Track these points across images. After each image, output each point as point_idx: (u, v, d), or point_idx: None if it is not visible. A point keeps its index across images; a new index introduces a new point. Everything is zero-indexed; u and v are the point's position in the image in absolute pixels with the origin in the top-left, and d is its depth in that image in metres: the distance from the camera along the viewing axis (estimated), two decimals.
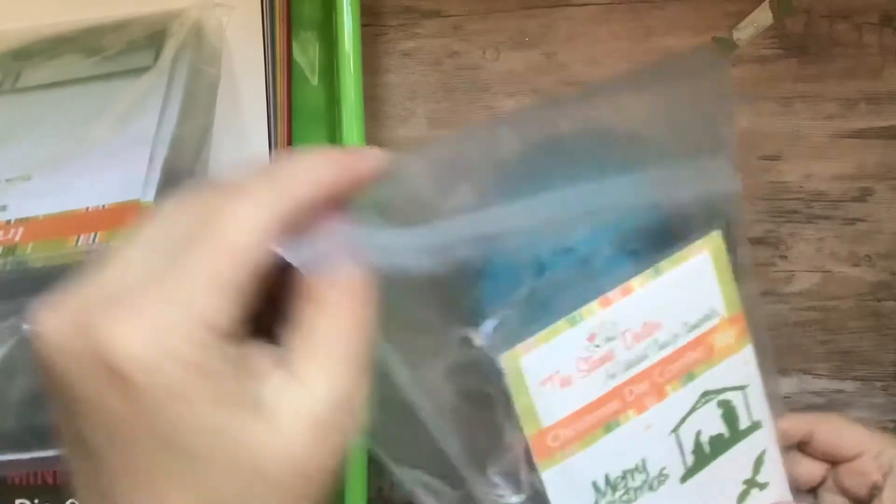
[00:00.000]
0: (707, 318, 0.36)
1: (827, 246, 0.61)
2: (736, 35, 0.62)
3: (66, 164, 0.37)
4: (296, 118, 0.52)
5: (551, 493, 0.35)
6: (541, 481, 0.35)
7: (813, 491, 0.40)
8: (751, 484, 0.38)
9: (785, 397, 0.60)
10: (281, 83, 0.52)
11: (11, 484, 0.39)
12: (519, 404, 0.34)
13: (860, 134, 0.62)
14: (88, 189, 0.37)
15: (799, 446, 0.40)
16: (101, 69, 0.43)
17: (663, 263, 0.35)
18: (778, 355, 0.60)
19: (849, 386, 0.60)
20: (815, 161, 0.61)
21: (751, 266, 0.36)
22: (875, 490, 0.38)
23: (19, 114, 0.42)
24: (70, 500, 0.40)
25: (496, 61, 0.62)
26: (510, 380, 0.34)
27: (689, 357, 0.36)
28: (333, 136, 0.53)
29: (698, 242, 0.36)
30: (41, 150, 0.39)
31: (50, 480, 0.40)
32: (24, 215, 0.36)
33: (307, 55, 0.55)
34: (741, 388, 0.38)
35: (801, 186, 0.61)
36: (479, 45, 0.62)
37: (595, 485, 0.36)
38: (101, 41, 0.45)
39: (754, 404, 0.38)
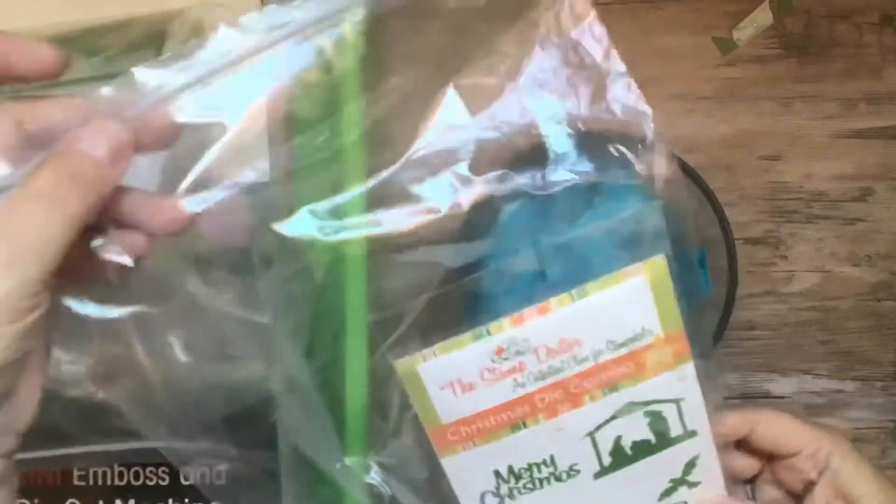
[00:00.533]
0: (638, 336, 0.36)
1: (827, 246, 0.61)
2: (736, 35, 0.62)
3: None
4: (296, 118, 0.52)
5: (450, 475, 0.37)
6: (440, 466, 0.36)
7: (750, 482, 0.41)
8: (678, 482, 0.39)
9: (785, 397, 0.60)
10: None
11: None
12: (417, 402, 0.36)
13: (860, 134, 0.62)
14: None
15: (737, 443, 0.40)
16: (102, 70, 0.43)
17: (591, 285, 0.35)
18: (778, 355, 0.60)
19: (849, 386, 0.60)
20: (815, 161, 0.61)
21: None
22: (810, 486, 0.38)
23: None
24: (70, 500, 0.40)
25: None
26: (405, 382, 0.35)
27: (614, 371, 0.36)
28: (334, 136, 0.53)
29: (634, 267, 0.36)
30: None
31: (50, 480, 0.40)
32: None
33: None
34: (675, 401, 0.37)
35: (801, 186, 0.61)
36: None
37: (497, 472, 0.37)
38: (101, 41, 0.45)
39: (690, 416, 0.38)
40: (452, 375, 0.35)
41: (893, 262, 0.61)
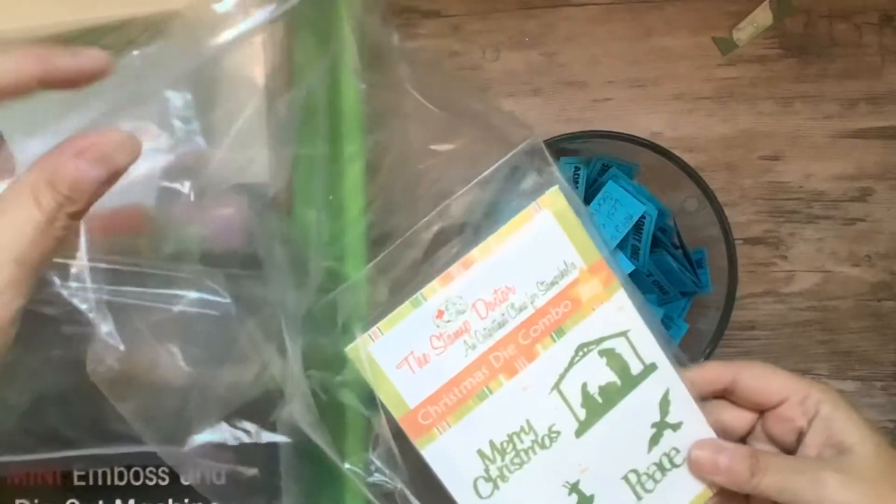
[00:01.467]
0: (564, 272, 0.37)
1: (827, 246, 0.61)
2: (736, 35, 0.62)
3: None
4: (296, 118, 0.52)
5: (435, 468, 0.36)
6: (422, 459, 0.36)
7: (742, 440, 0.40)
8: (661, 426, 0.38)
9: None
10: (280, 79, 0.52)
11: (11, 484, 0.39)
12: (380, 391, 0.35)
13: (860, 134, 0.62)
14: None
15: (725, 395, 0.40)
16: None
17: (502, 229, 0.36)
18: (778, 355, 0.60)
19: (849, 386, 0.60)
20: (815, 161, 0.61)
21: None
22: (801, 435, 0.37)
23: (19, 115, 0.42)
24: (70, 501, 0.40)
25: (496, 61, 0.62)
26: (363, 369, 0.35)
27: (555, 313, 0.37)
28: (334, 136, 0.53)
29: (534, 202, 0.36)
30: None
31: (50, 480, 0.40)
32: None
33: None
34: (622, 333, 0.38)
35: (801, 186, 0.61)
36: (479, 45, 0.62)
37: (480, 452, 0.36)
38: (101, 42, 0.45)
39: (643, 347, 0.38)
40: (405, 349, 0.36)
41: (893, 262, 0.61)
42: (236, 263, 0.36)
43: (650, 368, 0.38)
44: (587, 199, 0.57)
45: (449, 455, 0.36)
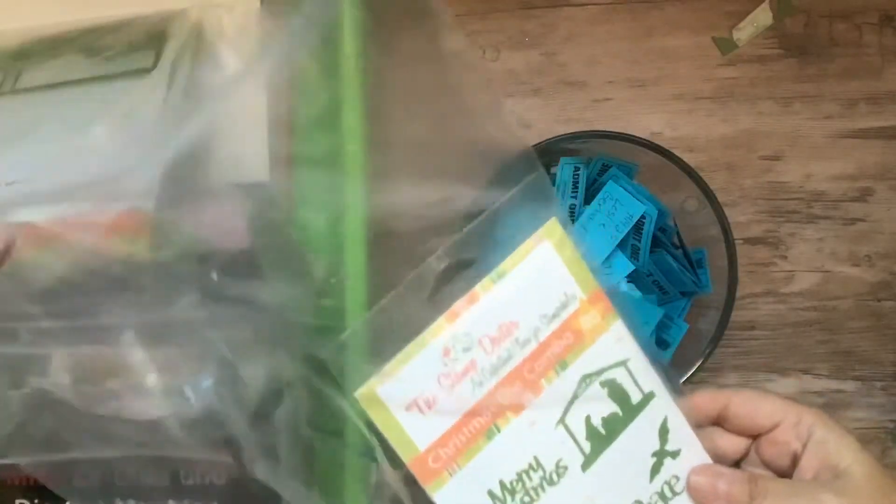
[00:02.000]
0: (565, 304, 0.37)
1: (827, 246, 0.61)
2: (736, 35, 0.62)
3: (66, 168, 0.37)
4: (297, 121, 0.52)
5: None
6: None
7: (737, 465, 0.40)
8: (661, 454, 0.38)
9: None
10: (282, 84, 0.52)
11: (11, 484, 0.39)
12: (390, 435, 0.35)
13: (860, 134, 0.62)
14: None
15: (718, 423, 0.40)
16: (101, 70, 0.43)
17: (504, 264, 0.36)
18: (778, 355, 0.60)
19: (849, 386, 0.60)
20: (815, 161, 0.61)
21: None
22: (795, 459, 0.38)
23: (19, 115, 0.42)
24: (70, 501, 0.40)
25: (496, 61, 0.62)
26: (373, 415, 0.34)
27: (557, 346, 0.37)
28: (334, 136, 0.53)
29: (535, 234, 0.36)
30: (41, 153, 0.39)
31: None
32: (23, 220, 0.36)
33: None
34: (622, 363, 0.38)
35: (801, 186, 0.61)
36: (479, 45, 0.62)
37: (491, 493, 0.36)
38: (101, 42, 0.45)
39: (641, 376, 0.38)
40: (413, 392, 0.35)
41: (893, 262, 0.61)
42: (236, 264, 0.36)
43: (649, 397, 0.38)
44: (587, 199, 0.57)
45: (460, 497, 0.36)
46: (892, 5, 0.62)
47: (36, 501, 0.40)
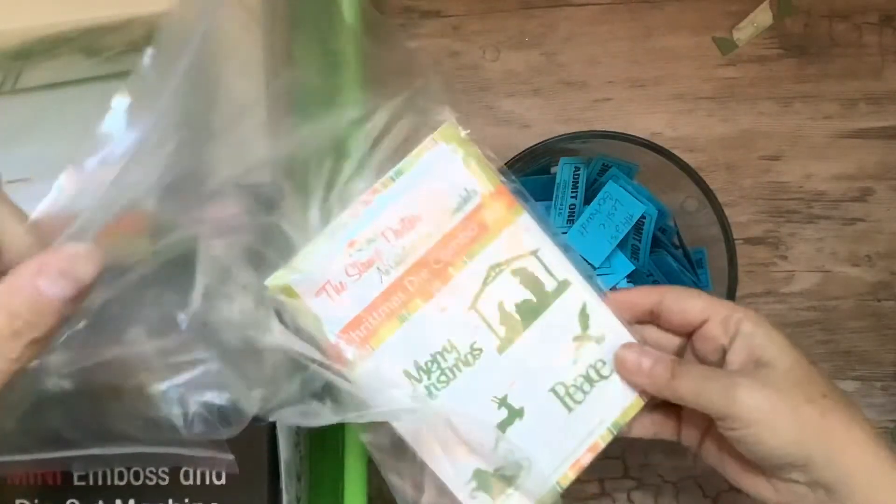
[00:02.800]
0: (466, 198, 0.39)
1: (827, 246, 0.61)
2: (736, 35, 0.62)
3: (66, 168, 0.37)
4: (296, 119, 0.52)
5: (365, 392, 0.36)
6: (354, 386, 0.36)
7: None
8: (583, 339, 0.40)
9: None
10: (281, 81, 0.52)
11: (11, 484, 0.39)
12: (304, 321, 0.36)
13: (860, 134, 0.62)
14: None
15: (652, 320, 0.41)
16: (102, 70, 0.43)
17: (402, 164, 0.38)
18: None
19: (849, 386, 0.60)
20: (815, 161, 0.61)
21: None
22: (725, 353, 0.39)
23: (20, 115, 0.42)
24: (70, 500, 0.40)
25: (496, 61, 0.62)
26: (287, 302, 0.36)
27: (463, 238, 0.39)
28: (334, 136, 0.53)
29: (429, 137, 0.38)
30: (41, 153, 0.39)
31: (50, 480, 0.40)
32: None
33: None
34: (531, 253, 0.39)
35: (801, 186, 0.61)
36: (479, 45, 0.62)
37: (407, 373, 0.38)
38: (101, 41, 0.45)
39: (554, 265, 0.40)
40: (321, 279, 0.37)
41: (893, 262, 0.61)
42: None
43: (564, 285, 0.40)
44: (587, 199, 0.57)
45: (376, 377, 0.37)
46: (892, 5, 0.62)
47: (36, 501, 0.40)
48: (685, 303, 0.40)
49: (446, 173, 0.39)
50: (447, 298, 0.38)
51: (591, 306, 0.40)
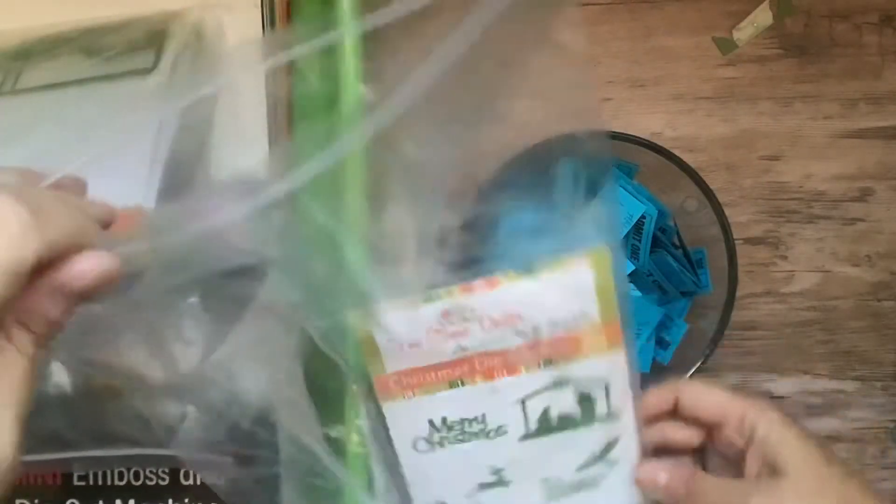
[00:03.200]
0: (577, 320, 0.38)
1: (827, 246, 0.61)
2: (736, 35, 0.62)
3: (66, 168, 0.37)
4: (296, 119, 0.52)
5: (389, 420, 0.39)
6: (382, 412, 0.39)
7: (700, 452, 0.41)
8: (597, 459, 0.41)
9: (785, 397, 0.60)
10: (281, 83, 0.52)
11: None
12: (364, 350, 0.37)
13: (860, 134, 0.62)
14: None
15: (674, 417, 0.41)
16: (102, 70, 0.43)
17: (539, 266, 0.37)
18: (778, 355, 0.60)
19: (849, 386, 0.60)
20: (815, 161, 0.61)
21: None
22: (743, 456, 0.38)
23: (19, 115, 0.42)
24: (70, 501, 0.40)
25: None
26: (358, 332, 0.37)
27: (551, 348, 0.38)
28: (334, 136, 0.53)
29: (582, 255, 0.37)
30: (41, 153, 0.39)
31: (50, 480, 0.40)
32: None
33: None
34: (604, 381, 0.39)
35: (801, 186, 0.61)
36: None
37: (431, 422, 0.39)
38: (101, 42, 0.45)
39: (615, 399, 0.40)
40: (401, 332, 0.37)
41: (893, 262, 0.61)
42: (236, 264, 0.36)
43: (612, 417, 0.40)
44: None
45: (404, 415, 0.39)
46: (892, 5, 0.62)
47: (36, 501, 0.40)
48: (699, 402, 0.39)
49: (573, 294, 0.37)
50: (504, 386, 0.39)
51: (623, 441, 0.40)
